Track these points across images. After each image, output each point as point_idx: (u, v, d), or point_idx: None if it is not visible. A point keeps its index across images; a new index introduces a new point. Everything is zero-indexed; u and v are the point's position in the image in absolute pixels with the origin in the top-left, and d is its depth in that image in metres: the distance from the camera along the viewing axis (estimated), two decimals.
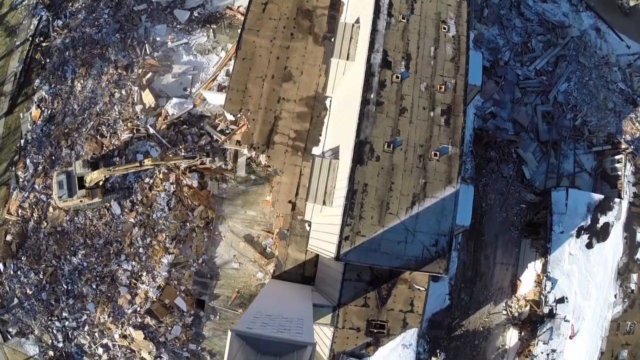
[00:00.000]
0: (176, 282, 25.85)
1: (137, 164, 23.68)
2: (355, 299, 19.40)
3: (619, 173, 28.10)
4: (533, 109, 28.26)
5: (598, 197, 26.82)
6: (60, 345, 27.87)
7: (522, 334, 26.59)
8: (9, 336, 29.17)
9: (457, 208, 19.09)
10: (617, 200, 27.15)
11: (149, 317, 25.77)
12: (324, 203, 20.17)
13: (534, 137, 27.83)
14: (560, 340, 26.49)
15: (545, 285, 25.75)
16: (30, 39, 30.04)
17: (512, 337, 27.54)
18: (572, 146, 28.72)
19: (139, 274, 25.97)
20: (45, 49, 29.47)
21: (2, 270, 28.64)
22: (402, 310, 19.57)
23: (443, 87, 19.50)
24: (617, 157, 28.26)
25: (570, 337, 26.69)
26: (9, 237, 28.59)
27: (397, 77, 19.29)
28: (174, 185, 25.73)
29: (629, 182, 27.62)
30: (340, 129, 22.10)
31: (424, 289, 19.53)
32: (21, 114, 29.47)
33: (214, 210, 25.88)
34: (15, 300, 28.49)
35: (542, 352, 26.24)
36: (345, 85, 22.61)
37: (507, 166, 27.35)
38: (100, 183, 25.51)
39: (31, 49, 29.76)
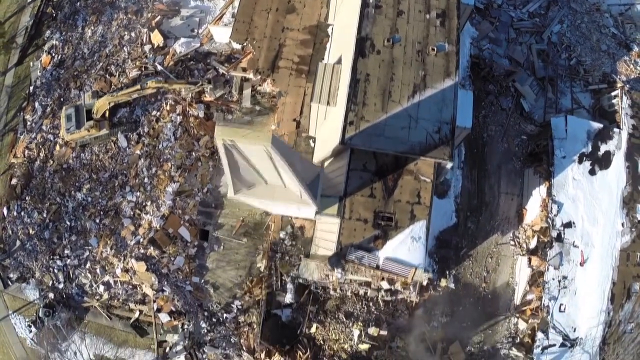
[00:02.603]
0: (180, 212, 26.29)
1: (139, 87, 24.78)
2: (362, 189, 19.94)
3: (617, 108, 29.26)
4: (528, 48, 29.79)
5: (597, 125, 27.78)
6: (61, 286, 27.86)
7: (532, 262, 26.75)
8: (9, 282, 29.20)
9: (457, 99, 20.14)
10: (616, 130, 28.08)
11: (152, 248, 25.98)
12: (328, 103, 21.15)
13: (530, 74, 29.20)
14: (571, 266, 26.61)
15: (551, 209, 26.22)
16: None
17: (521, 268, 27.64)
18: (569, 84, 30.01)
19: (143, 204, 26.44)
20: (57, 2, 31.37)
21: (5, 215, 29.14)
22: (409, 201, 20.06)
23: None
24: (613, 93, 29.52)
25: (581, 264, 26.83)
26: (14, 181, 29.23)
27: None
28: (181, 117, 26.75)
29: (626, 114, 28.68)
30: (341, 44, 23.44)
31: (429, 180, 20.11)
32: (31, 63, 30.90)
33: None
34: (18, 243, 28.75)
35: (553, 279, 26.29)
36: (344, 7, 24.18)
37: (506, 99, 28.52)
38: (107, 114, 26.57)
39: (42, 3, 31.66)
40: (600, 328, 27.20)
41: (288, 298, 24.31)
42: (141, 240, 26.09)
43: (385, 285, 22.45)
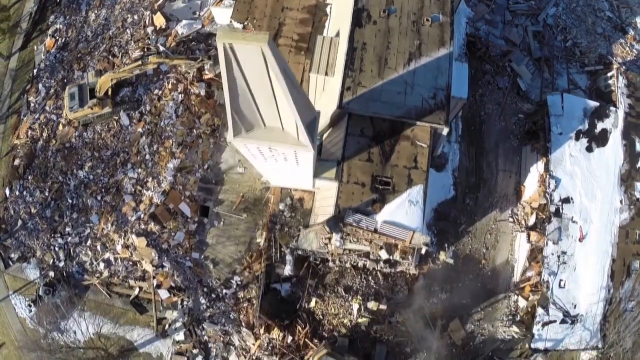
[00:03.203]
0: (181, 187, 26.88)
1: (140, 63, 25.58)
2: (359, 153, 20.53)
3: (613, 88, 29.94)
4: (524, 30, 30.63)
5: (593, 103, 28.42)
6: (62, 264, 28.34)
7: (531, 237, 27.15)
8: (10, 262, 29.70)
9: (451, 67, 20.85)
10: (612, 108, 28.71)
11: (152, 223, 26.51)
12: (326, 74, 21.84)
13: (526, 54, 29.98)
14: (570, 242, 27.01)
15: (548, 184, 26.73)
16: None
17: (520, 244, 28.04)
18: (565, 65, 30.77)
19: (145, 180, 27.05)
20: None
21: (7, 195, 29.77)
22: (406, 166, 20.61)
23: None
24: (609, 74, 30.23)
25: (580, 240, 27.23)
26: (16, 162, 29.94)
27: None
28: (182, 95, 27.52)
29: (622, 93, 29.34)
30: (339, 18, 24.25)
31: (426, 146, 20.68)
32: (35, 47, 31.87)
33: (220, 117, 27.50)
34: (19, 223, 29.33)
35: (552, 254, 26.67)
36: None
37: (502, 78, 29.25)
38: (110, 92, 27.35)
39: None
40: (601, 305, 27.51)
41: (287, 270, 24.73)
42: (142, 215, 26.64)
43: (383, 255, 22.88)
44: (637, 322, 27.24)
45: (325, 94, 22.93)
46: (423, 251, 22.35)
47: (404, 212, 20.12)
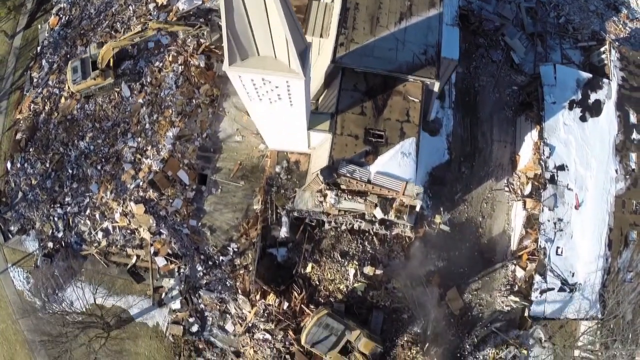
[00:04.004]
0: (180, 155, 27.93)
1: (140, 30, 26.91)
2: (352, 107, 21.61)
3: (606, 62, 31.06)
4: (517, 6, 31.99)
5: (586, 75, 29.55)
6: (60, 234, 29.24)
7: (527, 204, 27.87)
8: (9, 235, 30.60)
9: (442, 27, 22.08)
10: (605, 80, 29.81)
11: (151, 190, 27.49)
12: (321, 35, 23.15)
13: (519, 29, 31.24)
14: (566, 209, 27.75)
15: (543, 151, 27.63)
16: None
17: (517, 213, 28.76)
18: (558, 41, 32.01)
19: (144, 149, 28.15)
20: None
21: (9, 169, 30.88)
22: (399, 120, 21.64)
23: None
24: (602, 49, 31.39)
25: (576, 207, 27.97)
26: (18, 135, 31.18)
27: None
28: (182, 67, 28.83)
29: (615, 66, 30.46)
30: None
31: (418, 100, 21.74)
32: (39, 26, 33.48)
33: (219, 88, 28.72)
34: (20, 195, 30.35)
35: (548, 220, 27.39)
36: None
37: (496, 52, 30.47)
38: (112, 63, 28.67)
39: None
40: (599, 274, 28.10)
41: (283, 232, 25.52)
42: (141, 183, 27.63)
43: (378, 214, 23.71)
44: (636, 293, 27.67)
45: (320, 58, 24.14)
46: (417, 208, 23.13)
47: (397, 163, 21.05)
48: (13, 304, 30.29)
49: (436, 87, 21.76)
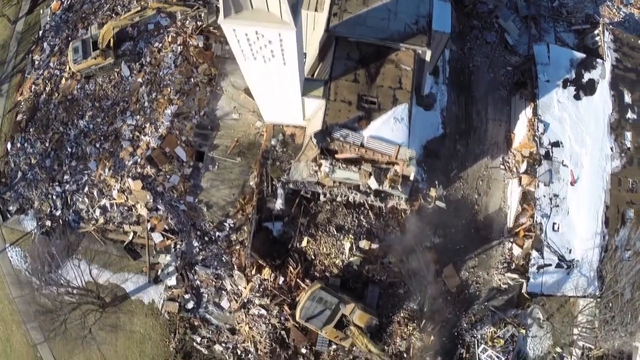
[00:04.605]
0: (178, 132, 28.84)
1: (140, 8, 28.04)
2: (346, 74, 22.49)
3: (600, 44, 31.98)
4: None
5: (580, 55, 30.51)
6: (58, 213, 29.99)
7: (522, 181, 28.45)
8: (8, 215, 31.35)
9: None
10: (599, 60, 30.74)
11: (148, 166, 28.30)
12: (315, 9, 24.15)
13: (513, 12, 32.29)
14: (562, 185, 28.37)
15: (537, 127, 28.38)
16: None
17: (512, 191, 29.34)
18: (552, 24, 33.02)
19: (142, 126, 29.09)
20: None
21: (9, 150, 31.81)
22: (391, 87, 22.50)
23: None
24: (596, 31, 32.34)
25: (571, 184, 28.58)
26: (19, 117, 32.21)
27: None
28: (181, 47, 29.93)
29: (609, 47, 31.37)
30: None
31: (410, 69, 22.61)
32: (41, 11, 34.84)
33: (217, 68, 29.74)
34: (19, 175, 31.21)
35: (544, 196, 27.99)
36: None
37: (490, 33, 31.48)
38: (112, 43, 29.79)
39: None
40: (597, 252, 28.57)
41: (278, 204, 26.20)
42: (139, 160, 28.46)
43: (373, 184, 24.40)
44: (635, 272, 28.00)
45: (315, 32, 25.13)
46: (412, 176, 23.77)
47: (390, 128, 21.84)
48: (10, 284, 30.91)
49: (428, 55, 22.65)
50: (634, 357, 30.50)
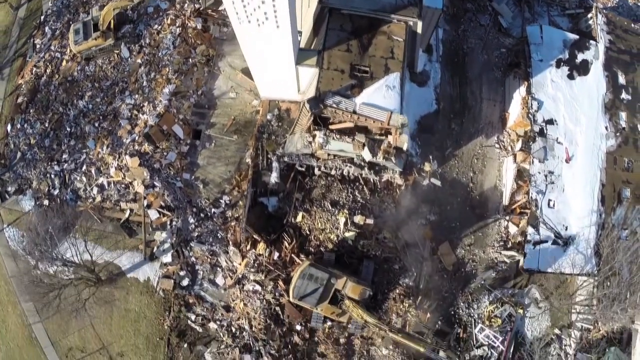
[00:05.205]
0: (175, 111, 29.80)
1: None
2: (339, 45, 23.41)
3: (593, 27, 32.93)
4: None
5: (573, 36, 31.50)
6: (56, 192, 30.80)
7: (517, 158, 29.07)
8: (7, 196, 32.15)
9: None
10: (592, 42, 31.69)
11: (146, 144, 29.16)
12: None
13: None
14: (556, 162, 29.05)
15: (531, 105, 29.16)
16: None
17: (507, 169, 29.97)
18: (546, 9, 34.07)
19: (141, 105, 30.08)
20: None
21: (9, 131, 32.80)
22: (383, 56, 23.43)
23: None
24: (589, 15, 33.31)
25: (566, 161, 29.25)
26: (20, 99, 33.29)
27: None
28: (180, 29, 31.09)
29: (602, 30, 32.31)
30: None
31: (402, 40, 23.53)
32: None
33: (215, 49, 30.81)
34: (18, 155, 32.12)
35: (539, 172, 28.63)
36: None
37: (484, 16, 32.57)
38: (112, 25, 30.98)
39: None
40: (593, 229, 29.08)
41: (273, 177, 26.95)
42: (136, 137, 29.34)
43: (366, 155, 25.16)
44: (632, 252, 28.36)
45: (309, 10, 26.18)
46: (404, 147, 24.48)
47: (382, 95, 22.71)
48: (7, 264, 31.51)
49: (419, 27, 23.61)
50: (633, 338, 30.71)
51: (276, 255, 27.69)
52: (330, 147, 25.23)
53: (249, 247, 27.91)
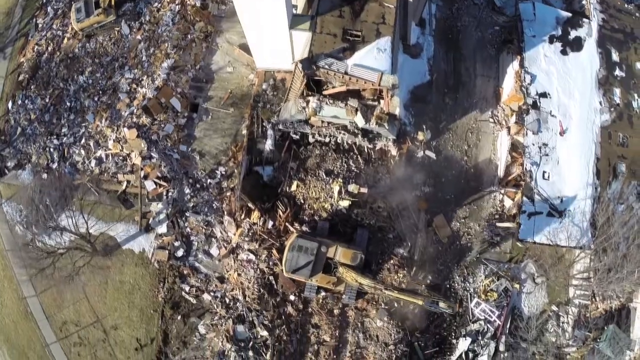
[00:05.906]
0: (173, 84, 30.98)
1: None
2: (331, 11, 24.54)
3: (586, 7, 33.99)
4: None
5: (565, 13, 32.64)
6: (55, 165, 31.77)
7: (511, 130, 29.82)
8: (6, 171, 33.20)
9: None
10: (585, 20, 32.74)
11: (144, 116, 30.25)
12: None
13: None
14: (550, 135, 29.81)
15: (524, 78, 30.04)
16: None
17: (502, 142, 30.70)
18: None
19: (140, 79, 31.32)
20: None
21: (10, 108, 34.04)
22: (375, 22, 24.57)
23: None
24: None
25: (560, 134, 30.02)
26: (21, 77, 34.63)
27: None
28: (179, 6, 32.48)
29: (595, 8, 33.36)
30: None
31: (393, 6, 24.63)
32: None
33: (213, 26, 32.10)
34: (19, 131, 33.28)
35: (533, 144, 29.41)
36: None
37: None
38: (113, 2, 32.44)
39: None
40: (589, 203, 29.60)
41: (268, 144, 27.89)
42: (135, 110, 30.44)
43: (359, 121, 26.14)
44: (628, 228, 28.83)
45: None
46: (397, 112, 25.35)
47: (373, 57, 23.77)
48: (4, 235, 32.34)
49: None
50: (632, 316, 30.93)
51: (270, 224, 28.42)
52: (324, 113, 26.19)
53: (243, 215, 28.67)
